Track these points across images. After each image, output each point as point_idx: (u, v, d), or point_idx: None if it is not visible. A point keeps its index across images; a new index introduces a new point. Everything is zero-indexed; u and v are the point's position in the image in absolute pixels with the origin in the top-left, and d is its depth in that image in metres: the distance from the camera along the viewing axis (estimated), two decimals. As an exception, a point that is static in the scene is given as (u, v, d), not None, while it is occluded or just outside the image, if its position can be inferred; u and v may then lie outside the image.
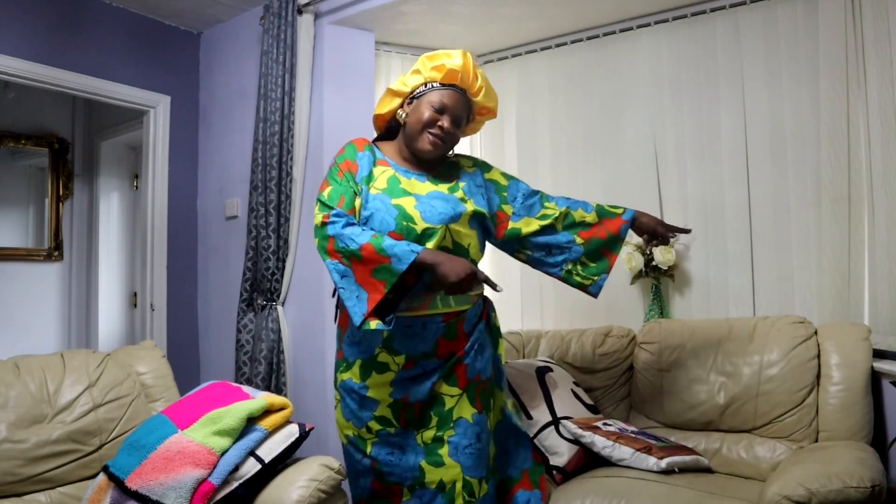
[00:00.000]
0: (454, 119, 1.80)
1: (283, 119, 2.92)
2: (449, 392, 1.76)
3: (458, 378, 1.78)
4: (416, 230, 1.70)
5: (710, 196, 2.80)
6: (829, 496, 1.52)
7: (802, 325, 2.24)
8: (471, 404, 1.77)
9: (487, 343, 1.88)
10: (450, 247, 1.75)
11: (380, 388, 1.77)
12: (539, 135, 3.28)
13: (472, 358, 1.81)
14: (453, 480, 1.72)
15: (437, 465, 1.73)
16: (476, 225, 1.85)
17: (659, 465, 2.01)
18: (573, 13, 2.97)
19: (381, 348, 1.76)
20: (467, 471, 1.73)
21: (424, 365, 1.76)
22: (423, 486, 1.74)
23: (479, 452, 1.75)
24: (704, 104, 2.83)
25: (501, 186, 1.94)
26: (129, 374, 2.15)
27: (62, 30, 2.98)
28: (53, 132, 4.10)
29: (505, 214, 1.92)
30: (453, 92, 1.80)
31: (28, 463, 1.82)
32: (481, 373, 1.82)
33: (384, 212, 1.71)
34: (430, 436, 1.75)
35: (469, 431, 1.74)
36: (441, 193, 1.81)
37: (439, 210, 1.75)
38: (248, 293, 2.99)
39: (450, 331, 1.78)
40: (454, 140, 1.85)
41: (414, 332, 1.74)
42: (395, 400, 1.77)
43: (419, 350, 1.75)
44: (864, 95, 2.42)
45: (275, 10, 2.97)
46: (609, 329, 2.63)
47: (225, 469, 1.77)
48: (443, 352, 1.77)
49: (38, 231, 4.10)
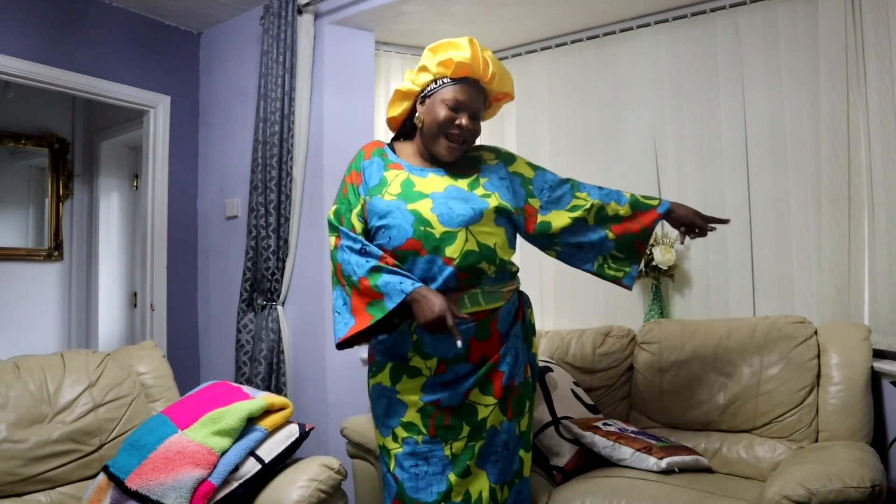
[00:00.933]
0: (472, 114, 1.71)
1: (283, 119, 2.92)
2: (484, 402, 1.68)
3: (494, 386, 1.69)
4: (434, 235, 1.62)
5: (710, 196, 2.80)
6: (829, 496, 1.52)
7: (802, 325, 2.24)
8: (502, 413, 1.70)
9: (522, 346, 1.78)
10: (474, 249, 1.65)
11: (410, 391, 1.69)
12: (539, 135, 3.28)
13: (508, 364, 1.71)
14: (479, 490, 1.66)
15: (464, 475, 1.65)
16: (503, 221, 1.74)
17: (659, 465, 2.01)
18: (573, 13, 2.96)
19: (414, 352, 1.69)
20: (492, 477, 1.68)
21: (457, 370, 1.68)
22: (448, 501, 1.63)
23: (504, 460, 1.70)
24: (704, 104, 2.83)
25: (527, 179, 1.83)
26: (129, 374, 2.15)
27: (62, 30, 2.98)
28: (53, 132, 4.10)
29: (533, 208, 1.81)
30: (465, 86, 1.70)
31: (28, 463, 1.82)
32: (515, 378, 1.72)
33: (401, 219, 1.65)
34: (461, 446, 1.66)
35: (497, 440, 1.69)
36: (460, 191, 1.71)
37: (458, 212, 1.65)
38: (248, 293, 2.99)
39: (482, 331, 1.68)
40: (475, 135, 1.76)
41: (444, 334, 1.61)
42: (426, 404, 1.67)
43: (451, 352, 1.65)
44: (864, 95, 2.42)
45: (275, 10, 2.97)
46: (609, 329, 2.63)
47: (225, 469, 1.77)
48: (475, 355, 1.68)
49: (38, 231, 4.10)
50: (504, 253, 1.73)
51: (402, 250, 1.65)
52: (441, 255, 1.63)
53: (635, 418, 2.49)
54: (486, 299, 1.68)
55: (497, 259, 1.69)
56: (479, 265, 1.66)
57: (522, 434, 1.75)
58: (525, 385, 1.77)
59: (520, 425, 1.75)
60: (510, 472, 1.72)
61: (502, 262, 1.72)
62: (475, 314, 1.66)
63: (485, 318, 1.68)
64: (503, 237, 1.73)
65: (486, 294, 1.69)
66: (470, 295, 1.66)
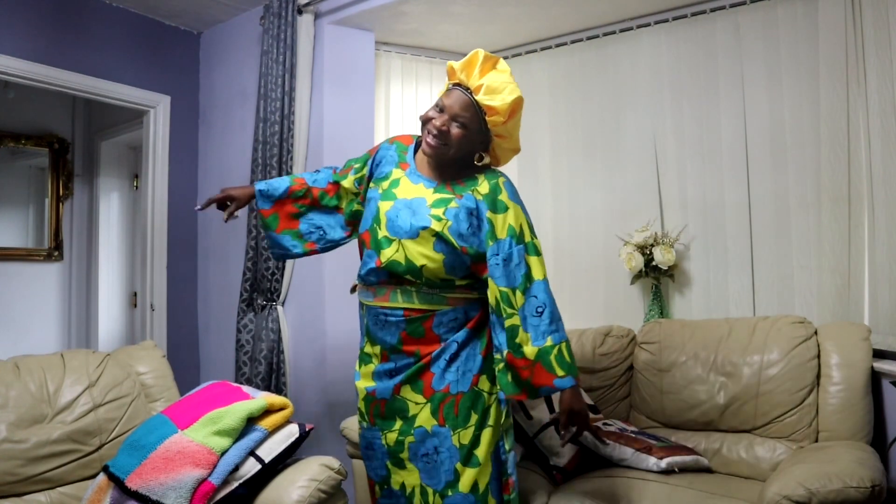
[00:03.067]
0: (453, 117, 1.67)
1: (283, 119, 2.92)
2: (413, 399, 1.72)
3: (424, 386, 1.71)
4: (377, 235, 1.74)
5: (710, 196, 2.80)
6: (829, 496, 1.52)
7: (802, 325, 2.24)
8: (432, 416, 1.70)
9: (472, 356, 1.71)
10: (400, 261, 1.69)
11: (364, 378, 1.81)
12: (539, 135, 3.28)
13: (441, 367, 1.70)
14: (413, 485, 1.71)
15: (398, 467, 1.74)
16: (443, 248, 1.68)
17: (659, 465, 2.01)
18: (573, 13, 2.97)
19: (366, 338, 1.81)
20: (424, 478, 1.70)
21: (396, 360, 1.75)
22: (388, 486, 1.76)
23: (435, 464, 1.69)
24: (704, 104, 2.83)
25: (492, 234, 1.68)
26: (129, 374, 2.15)
27: (62, 30, 2.98)
28: (53, 132, 4.10)
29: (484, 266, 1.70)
30: (453, 90, 1.70)
31: (28, 463, 1.82)
32: (451, 384, 1.69)
33: (369, 210, 1.80)
34: (394, 438, 1.73)
35: (427, 442, 1.70)
36: (421, 202, 1.71)
37: (401, 221, 1.70)
38: (248, 293, 2.99)
39: (413, 328, 1.72)
40: (451, 140, 1.68)
41: (380, 322, 1.75)
42: (367, 393, 1.79)
43: (388, 341, 1.74)
44: (864, 95, 2.42)
45: (275, 10, 2.97)
46: (609, 329, 2.63)
47: (225, 469, 1.77)
48: (408, 347, 1.73)
49: (38, 231, 4.10)
50: (436, 275, 1.69)
51: (362, 237, 1.81)
52: (377, 254, 1.74)
53: (635, 418, 2.49)
54: (421, 299, 1.71)
55: (423, 277, 1.70)
56: (404, 276, 1.71)
57: (462, 447, 1.67)
58: (470, 397, 1.68)
59: (459, 437, 1.67)
60: (441, 481, 1.68)
61: (431, 281, 1.70)
62: (406, 310, 1.71)
63: (416, 316, 1.71)
64: (439, 264, 1.68)
65: (423, 294, 1.71)
66: (404, 290, 1.72)
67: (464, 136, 1.69)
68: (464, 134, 1.69)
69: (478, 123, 1.70)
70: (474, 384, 1.71)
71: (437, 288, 1.72)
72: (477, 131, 1.71)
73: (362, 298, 1.81)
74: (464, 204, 1.70)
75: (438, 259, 1.68)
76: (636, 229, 2.85)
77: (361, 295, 1.82)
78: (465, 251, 1.68)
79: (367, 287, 1.78)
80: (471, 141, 1.72)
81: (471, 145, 1.73)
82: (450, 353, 1.71)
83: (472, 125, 1.69)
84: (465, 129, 1.69)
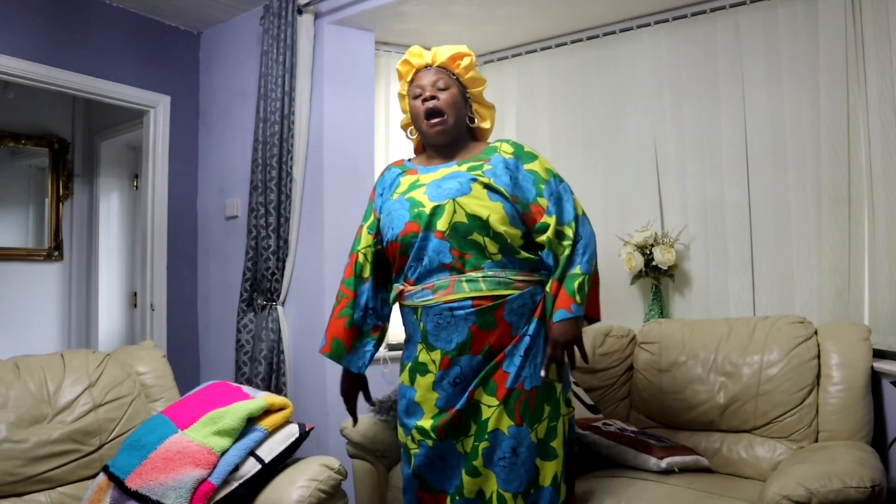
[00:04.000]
0: (432, 85, 1.79)
1: (283, 119, 2.92)
2: (487, 402, 1.65)
3: (497, 387, 1.65)
4: (425, 213, 1.67)
5: (710, 196, 2.80)
6: (829, 496, 1.52)
7: (802, 325, 2.24)
8: (509, 416, 1.64)
9: (541, 345, 1.69)
10: (464, 221, 1.65)
11: (425, 392, 1.70)
12: (539, 135, 3.28)
13: (516, 365, 1.65)
14: (491, 491, 1.64)
15: (474, 474, 1.65)
16: (499, 198, 1.70)
17: (659, 465, 2.01)
18: (573, 13, 2.96)
19: (422, 345, 1.70)
20: (501, 483, 1.64)
21: (461, 363, 1.66)
22: (462, 496, 1.66)
23: (512, 466, 1.63)
24: (704, 104, 2.83)
25: (540, 178, 1.76)
26: (129, 374, 2.15)
27: (62, 30, 2.98)
28: (53, 132, 4.10)
29: (539, 207, 1.73)
30: (419, 74, 1.83)
31: (28, 463, 1.82)
32: (525, 381, 1.65)
33: (399, 208, 1.74)
34: (470, 444, 1.66)
35: (504, 444, 1.64)
36: (458, 172, 1.74)
37: (446, 187, 1.69)
38: (248, 293, 2.99)
39: (484, 319, 1.64)
40: (444, 108, 1.77)
41: (444, 320, 1.65)
42: (440, 410, 1.68)
43: (453, 342, 1.65)
44: (864, 95, 2.42)
45: (275, 10, 2.97)
46: (609, 329, 2.63)
47: (225, 469, 1.77)
48: (478, 345, 1.65)
49: (38, 231, 4.10)
50: (502, 225, 1.67)
51: (402, 236, 1.71)
52: (433, 230, 1.67)
53: (635, 418, 2.49)
54: (488, 284, 1.65)
55: (492, 231, 1.66)
56: (471, 237, 1.65)
57: (540, 441, 1.66)
58: (543, 390, 1.68)
59: (536, 432, 1.66)
60: (524, 481, 1.64)
61: (500, 237, 1.67)
62: (475, 300, 1.64)
63: (487, 305, 1.64)
64: (501, 212, 1.68)
65: (489, 279, 1.65)
66: (469, 279, 1.65)
67: (452, 97, 1.79)
68: (451, 95, 1.79)
69: (454, 83, 1.81)
70: (547, 376, 1.69)
71: (503, 267, 1.67)
72: (458, 91, 1.81)
73: (417, 300, 1.69)
74: (495, 163, 1.76)
75: (499, 208, 1.68)
76: (636, 229, 2.85)
77: (416, 297, 1.70)
78: (515, 200, 1.72)
79: (422, 286, 1.69)
80: (459, 103, 1.81)
81: (461, 109, 1.82)
82: (524, 347, 1.66)
83: (452, 86, 1.80)
84: (449, 90, 1.79)
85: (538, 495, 1.66)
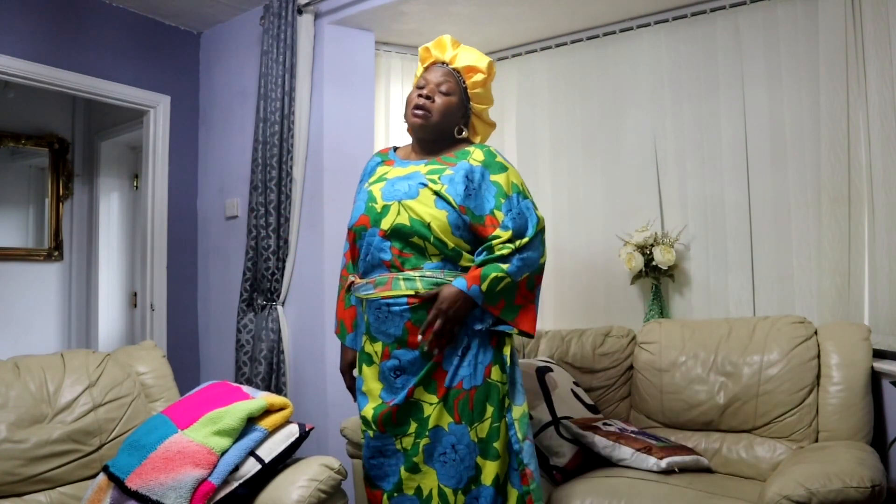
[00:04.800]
0: (437, 85, 1.81)
1: (283, 119, 2.92)
2: (428, 399, 1.69)
3: (437, 385, 1.68)
4: (376, 209, 1.74)
5: (710, 196, 2.80)
6: (829, 496, 1.52)
7: (802, 325, 2.24)
8: (448, 413, 1.68)
9: (484, 347, 1.70)
10: (405, 223, 1.69)
11: (371, 381, 1.76)
12: (539, 135, 3.28)
13: (454, 364, 1.68)
14: (430, 487, 1.68)
15: (413, 470, 1.69)
16: (445, 206, 1.70)
17: (659, 465, 2.01)
18: (573, 13, 2.97)
19: (366, 336, 1.77)
20: (441, 478, 1.67)
21: (400, 356, 1.70)
22: (401, 493, 1.71)
23: (453, 462, 1.67)
24: (704, 104, 2.83)
25: (502, 192, 1.75)
26: (129, 374, 2.14)
27: (62, 30, 2.98)
28: (53, 132, 4.10)
29: (494, 220, 1.72)
30: (431, 67, 1.86)
31: (28, 463, 1.82)
32: (464, 380, 1.68)
33: (362, 198, 1.81)
34: (410, 442, 1.70)
35: (444, 440, 1.67)
36: (415, 173, 1.77)
37: (397, 188, 1.75)
38: (248, 293, 2.99)
39: (418, 315, 1.68)
40: (433, 108, 1.79)
41: (383, 314, 1.71)
42: (382, 401, 1.73)
43: (391, 335, 1.70)
44: (864, 95, 2.42)
45: (275, 10, 2.97)
46: (609, 329, 2.63)
47: (225, 469, 1.77)
48: (413, 339, 1.68)
49: (38, 231, 4.10)
50: (443, 233, 1.69)
51: (357, 226, 1.79)
52: (378, 227, 1.73)
53: (635, 418, 2.49)
54: (424, 283, 1.68)
55: (433, 237, 1.68)
56: (412, 239, 1.69)
57: (481, 440, 1.67)
58: (483, 390, 1.68)
59: (477, 431, 1.67)
60: (463, 478, 1.66)
61: (440, 243, 1.69)
62: (409, 297, 1.69)
63: (420, 304, 1.68)
64: (444, 220, 1.69)
65: (426, 279, 1.68)
66: (406, 277, 1.69)
67: (447, 104, 1.80)
68: (447, 101, 1.81)
69: (459, 92, 1.83)
70: (487, 376, 1.69)
71: (441, 268, 1.69)
72: (458, 101, 1.83)
73: (362, 293, 1.76)
74: (458, 170, 1.75)
75: (443, 216, 1.69)
76: (636, 229, 2.85)
77: (361, 290, 1.76)
78: (463, 211, 1.71)
79: (367, 280, 1.75)
80: (453, 112, 1.82)
81: (453, 117, 1.83)
82: (461, 347, 1.69)
83: (455, 93, 1.82)
84: (448, 97, 1.81)
85: (479, 492, 1.67)
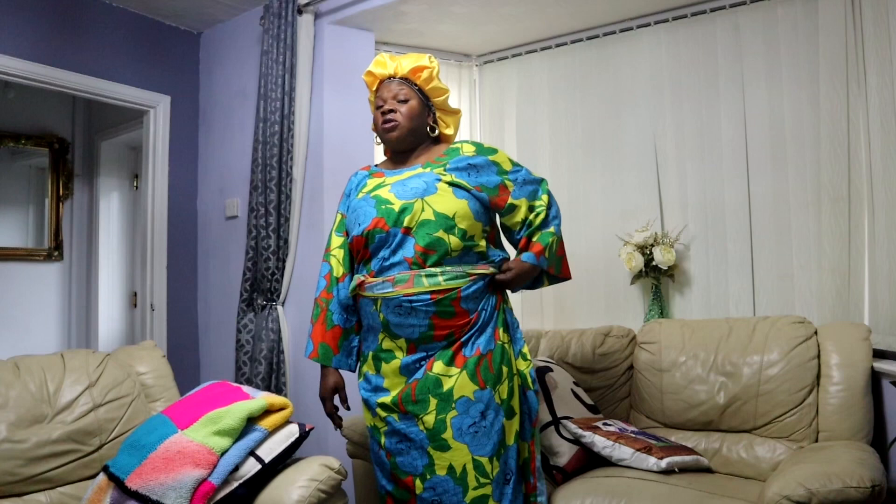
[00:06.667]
0: (393, 97, 1.88)
1: (283, 119, 2.92)
2: (446, 372, 1.70)
3: (455, 357, 1.72)
4: (394, 210, 1.74)
5: (710, 196, 2.80)
6: (829, 496, 1.52)
7: (802, 325, 2.24)
8: (471, 381, 1.70)
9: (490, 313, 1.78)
10: (431, 218, 1.72)
11: (393, 377, 1.77)
12: (539, 135, 3.28)
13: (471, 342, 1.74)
14: (463, 463, 1.66)
15: (443, 449, 1.68)
16: (464, 195, 1.78)
17: (659, 465, 2.01)
18: (573, 13, 2.97)
19: (384, 334, 1.77)
20: (475, 450, 1.67)
21: (427, 350, 1.73)
22: (433, 474, 1.68)
23: (484, 430, 1.68)
24: (704, 104, 2.83)
25: (503, 170, 1.87)
26: (129, 374, 2.14)
27: (62, 30, 2.98)
28: (53, 132, 4.10)
29: (506, 189, 1.85)
30: (382, 85, 1.92)
31: (28, 463, 1.82)
32: (480, 346, 1.74)
33: (365, 205, 1.81)
34: (432, 420, 1.68)
35: (472, 409, 1.68)
36: (423, 174, 1.82)
37: (412, 186, 1.77)
38: (248, 293, 2.99)
39: (442, 308, 1.71)
40: (400, 116, 1.86)
41: (404, 311, 1.72)
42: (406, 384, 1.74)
43: (417, 331, 1.72)
44: (864, 95, 2.42)
45: (275, 10, 2.97)
46: (609, 329, 2.63)
47: (225, 469, 1.77)
48: (440, 332, 1.72)
49: (38, 231, 4.10)
50: (466, 220, 1.76)
51: (368, 230, 1.78)
52: (400, 227, 1.74)
53: (635, 418, 2.49)
54: (445, 278, 1.72)
55: (457, 227, 1.74)
56: (436, 234, 1.72)
57: (503, 401, 1.73)
58: (497, 351, 1.75)
59: (499, 392, 1.72)
60: (495, 443, 1.69)
61: (463, 232, 1.74)
62: (433, 293, 1.71)
63: (443, 297, 1.71)
64: (466, 208, 1.76)
65: (447, 274, 1.72)
66: (429, 274, 1.72)
67: (410, 108, 1.87)
68: (410, 107, 1.87)
69: (415, 94, 1.89)
70: (497, 339, 1.77)
71: (463, 261, 1.75)
72: (419, 102, 1.90)
73: (378, 292, 1.74)
74: (457, 162, 1.83)
75: (464, 205, 1.76)
76: (636, 229, 2.85)
77: (376, 288, 1.75)
78: (479, 189, 1.80)
79: (383, 279, 1.74)
80: (419, 113, 1.89)
81: (421, 118, 1.90)
82: (478, 328, 1.76)
83: (412, 97, 1.89)
84: (408, 102, 1.88)
85: (507, 454, 1.73)
